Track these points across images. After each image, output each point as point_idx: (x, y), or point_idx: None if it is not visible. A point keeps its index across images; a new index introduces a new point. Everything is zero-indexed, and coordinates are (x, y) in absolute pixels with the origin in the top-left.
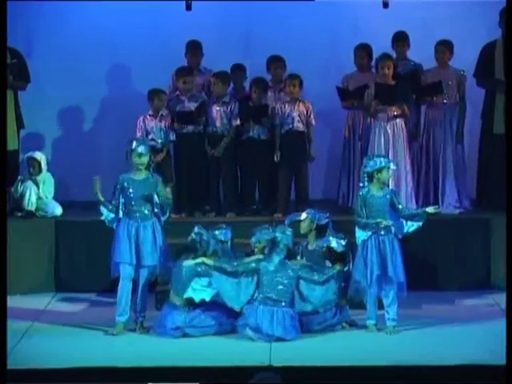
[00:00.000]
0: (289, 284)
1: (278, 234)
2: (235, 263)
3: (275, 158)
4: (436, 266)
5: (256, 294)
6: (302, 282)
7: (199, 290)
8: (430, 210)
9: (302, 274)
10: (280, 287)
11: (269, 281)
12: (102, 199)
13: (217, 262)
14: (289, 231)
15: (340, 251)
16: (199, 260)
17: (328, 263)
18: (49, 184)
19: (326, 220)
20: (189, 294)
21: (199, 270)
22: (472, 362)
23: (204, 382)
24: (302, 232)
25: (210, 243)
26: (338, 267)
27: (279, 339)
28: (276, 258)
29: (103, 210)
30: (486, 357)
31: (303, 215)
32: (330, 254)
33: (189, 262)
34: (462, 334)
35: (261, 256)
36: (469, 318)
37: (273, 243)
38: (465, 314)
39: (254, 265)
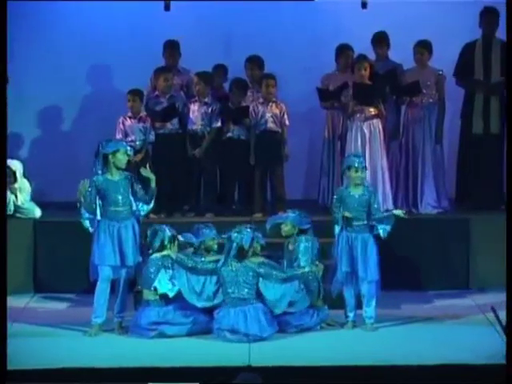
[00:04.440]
0: (252, 282)
1: (232, 234)
2: (199, 259)
3: (249, 160)
4: (414, 267)
5: (224, 297)
6: (260, 279)
7: (163, 284)
8: (398, 212)
9: (261, 271)
10: (245, 286)
11: (232, 281)
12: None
13: (180, 256)
14: (246, 231)
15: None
16: (165, 252)
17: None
18: (25, 192)
19: (309, 225)
20: (155, 284)
21: (165, 262)
22: (451, 361)
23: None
24: (284, 235)
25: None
26: (307, 268)
27: (257, 339)
28: (228, 258)
29: (84, 212)
30: (465, 356)
31: (285, 218)
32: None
33: (155, 255)
34: (440, 334)
35: (221, 256)
36: (448, 317)
37: (228, 242)
38: (444, 314)
39: (211, 265)
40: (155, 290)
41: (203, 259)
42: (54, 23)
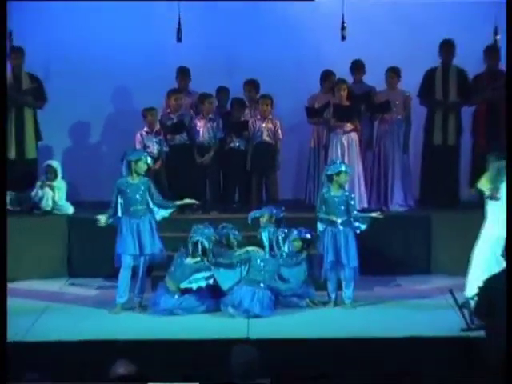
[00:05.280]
0: (272, 270)
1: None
2: (232, 255)
3: (247, 166)
4: (385, 255)
5: (245, 276)
6: (282, 268)
7: (196, 281)
8: (374, 214)
9: (282, 261)
10: (265, 273)
11: (257, 267)
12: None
13: (213, 258)
14: (270, 228)
15: (309, 239)
16: (198, 259)
17: (294, 250)
18: (62, 190)
19: (282, 214)
20: (185, 285)
21: (198, 266)
22: (415, 334)
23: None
24: (263, 226)
25: (207, 247)
26: (305, 252)
27: (256, 316)
28: (264, 250)
29: (110, 221)
30: (427, 330)
31: (262, 212)
32: (303, 242)
33: (189, 261)
34: (407, 312)
35: (249, 248)
36: (412, 297)
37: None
38: (409, 295)
39: (245, 256)
40: (185, 288)
41: (235, 254)
42: (86, 53)
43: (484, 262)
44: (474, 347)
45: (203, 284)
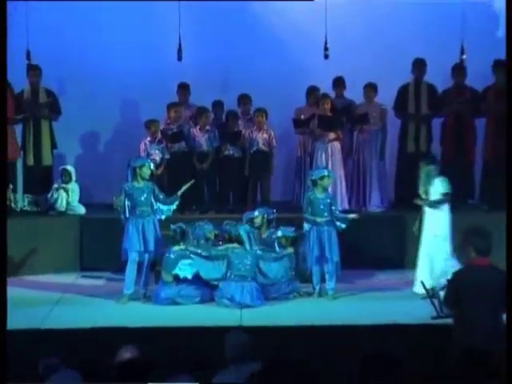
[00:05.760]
0: (252, 263)
1: (240, 227)
2: (210, 249)
3: (245, 172)
4: (365, 251)
5: (229, 273)
6: (260, 261)
7: (183, 269)
8: (352, 216)
9: (261, 255)
10: (247, 266)
11: (238, 262)
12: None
13: (196, 248)
14: (246, 225)
15: (292, 236)
16: (183, 247)
17: (280, 247)
18: (75, 193)
19: (274, 215)
20: (176, 271)
21: (183, 253)
22: (390, 321)
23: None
24: (256, 226)
25: (184, 228)
26: (289, 250)
27: (248, 306)
28: (243, 246)
29: (121, 214)
30: (400, 318)
31: (256, 213)
32: (285, 240)
33: (175, 248)
34: (383, 301)
35: (229, 245)
36: (388, 289)
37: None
38: (385, 286)
39: (223, 252)
40: (175, 274)
41: (215, 248)
42: (95, 70)
43: (426, 257)
44: (443, 333)
45: (190, 273)
